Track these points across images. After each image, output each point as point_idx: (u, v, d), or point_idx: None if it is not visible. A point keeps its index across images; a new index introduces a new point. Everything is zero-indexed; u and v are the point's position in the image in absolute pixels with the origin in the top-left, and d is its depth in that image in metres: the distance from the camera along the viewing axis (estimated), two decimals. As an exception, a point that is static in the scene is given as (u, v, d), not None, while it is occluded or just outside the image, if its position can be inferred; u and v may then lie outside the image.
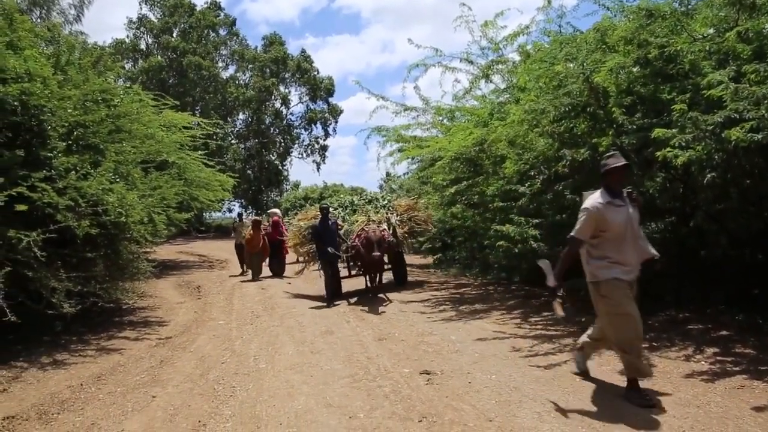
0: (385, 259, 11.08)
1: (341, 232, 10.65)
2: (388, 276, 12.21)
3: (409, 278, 12.73)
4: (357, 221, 10.93)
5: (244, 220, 16.64)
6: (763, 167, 6.35)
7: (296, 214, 13.60)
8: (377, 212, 11.28)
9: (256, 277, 14.13)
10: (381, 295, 10.29)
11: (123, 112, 9.14)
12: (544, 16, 9.89)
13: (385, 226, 10.56)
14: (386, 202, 12.04)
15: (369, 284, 10.65)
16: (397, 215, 11.34)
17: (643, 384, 4.65)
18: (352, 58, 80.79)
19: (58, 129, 7.52)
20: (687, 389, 4.76)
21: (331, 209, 11.17)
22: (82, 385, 5.63)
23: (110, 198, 7.49)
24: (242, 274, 15.05)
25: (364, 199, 12.46)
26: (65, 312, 6.83)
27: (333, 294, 10.29)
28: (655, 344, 6.13)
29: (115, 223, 7.73)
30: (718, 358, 5.56)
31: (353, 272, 11.83)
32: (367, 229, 9.95)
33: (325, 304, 10.01)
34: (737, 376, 4.99)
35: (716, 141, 5.46)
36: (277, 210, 17.49)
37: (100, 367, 6.33)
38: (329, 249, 9.88)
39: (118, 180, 8.21)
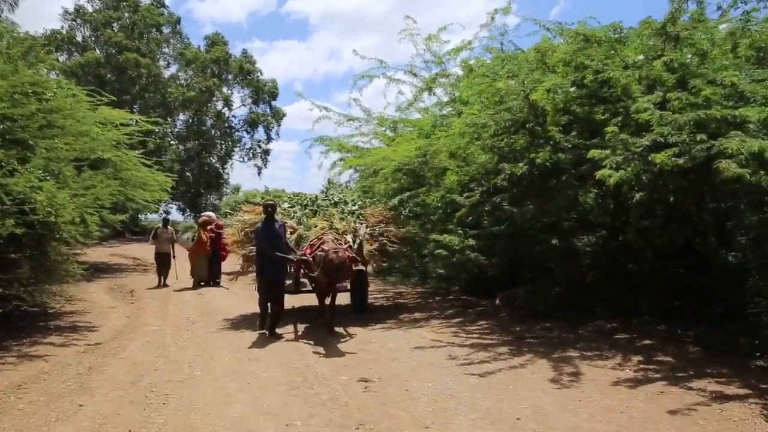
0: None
1: (291, 238, 8.38)
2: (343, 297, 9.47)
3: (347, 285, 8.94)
4: (315, 226, 8.74)
5: (168, 227, 14.11)
6: (685, 188, 6.81)
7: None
8: (343, 218, 9.10)
9: (202, 281, 13.10)
10: (338, 329, 7.94)
11: (55, 107, 8.71)
12: (487, 32, 10.28)
13: (350, 238, 8.45)
14: (356, 207, 9.76)
15: (321, 309, 8.27)
16: (367, 226, 9.02)
17: (571, 391, 4.86)
18: (299, 64, 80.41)
19: (-17, 122, 7.12)
20: (613, 395, 5.01)
21: (279, 208, 9.09)
22: (-1, 394, 5.30)
23: (39, 196, 7.13)
24: (159, 286, 13.13)
25: (329, 200, 10.12)
26: (-17, 316, 6.44)
27: (269, 319, 7.87)
28: (585, 353, 6.40)
29: (44, 222, 7.37)
30: (641, 366, 5.88)
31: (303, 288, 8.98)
32: (326, 241, 7.74)
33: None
34: (658, 382, 5.31)
35: (644, 163, 5.83)
36: (211, 213, 15.60)
37: (21, 374, 5.95)
38: (278, 255, 7.56)
39: (48, 178, 7.83)
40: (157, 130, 21.21)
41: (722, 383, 5.19)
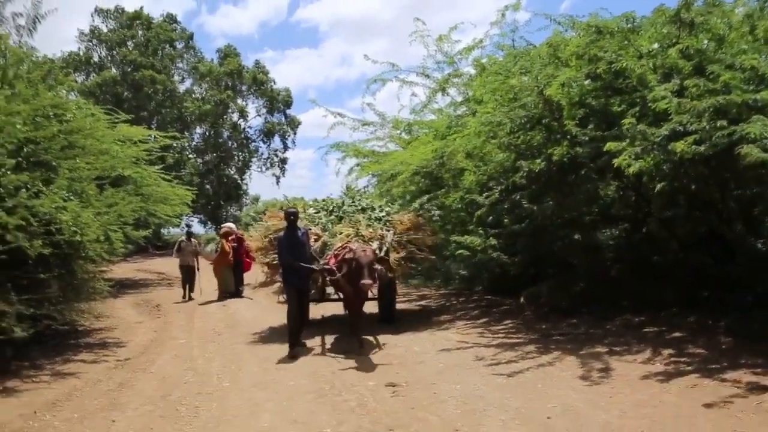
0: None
1: (315, 246, 8.09)
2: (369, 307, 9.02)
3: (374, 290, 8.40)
4: (340, 233, 8.35)
5: (192, 239, 14.07)
6: (706, 176, 6.69)
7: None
8: (369, 225, 8.63)
9: (228, 292, 12.99)
10: (367, 337, 7.66)
11: (76, 128, 8.86)
12: (498, 30, 10.19)
13: (376, 245, 7.93)
14: (383, 214, 9.21)
15: (351, 323, 7.87)
16: (394, 233, 8.57)
17: (601, 387, 4.79)
18: (311, 72, 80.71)
19: (7, 146, 7.25)
20: (644, 390, 4.94)
21: (303, 214, 8.77)
22: (35, 413, 5.37)
23: (64, 216, 7.24)
24: (185, 300, 13.11)
25: (355, 206, 9.53)
26: (16, 336, 6.55)
27: (295, 333, 7.36)
28: (614, 348, 6.32)
29: (70, 242, 7.47)
30: (672, 359, 5.79)
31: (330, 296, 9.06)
32: (353, 247, 7.23)
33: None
34: (690, 375, 5.22)
35: (664, 152, 5.74)
36: (231, 224, 15.39)
37: (54, 392, 6.06)
38: (301, 265, 7.23)
39: (71, 197, 7.95)
40: (175, 144, 21.47)
41: (758, 374, 5.07)
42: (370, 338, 7.71)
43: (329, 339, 8.04)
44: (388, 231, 8.54)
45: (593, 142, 6.81)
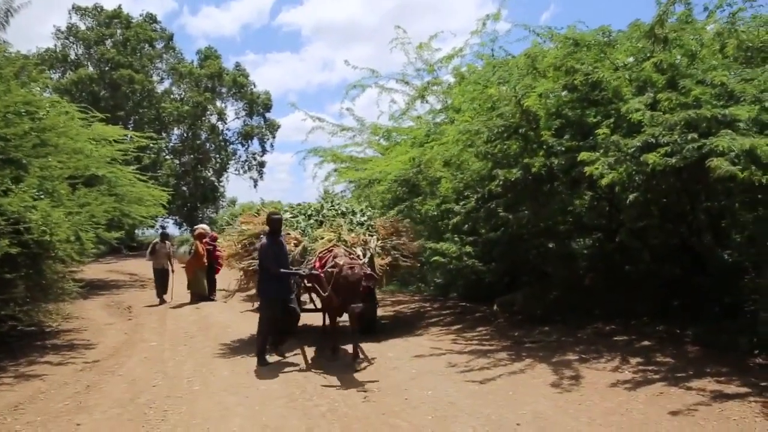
0: None
1: (296, 250, 7.61)
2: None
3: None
4: (321, 238, 7.81)
5: (167, 242, 13.42)
6: (677, 188, 6.84)
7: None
8: (351, 230, 8.12)
9: (200, 295, 12.69)
10: (347, 348, 7.15)
11: (49, 125, 8.70)
12: (478, 39, 10.30)
13: (359, 251, 7.44)
14: (365, 218, 8.74)
15: (331, 330, 7.34)
16: (378, 239, 8.14)
17: (571, 394, 4.84)
18: (293, 76, 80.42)
19: (-24, 142, 7.11)
20: (612, 398, 5.01)
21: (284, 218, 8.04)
22: (-3, 415, 5.26)
23: (33, 215, 7.10)
24: (160, 303, 12.62)
25: (335, 210, 8.94)
26: (-21, 337, 6.39)
27: (264, 348, 6.91)
28: (584, 356, 6.40)
29: (39, 241, 7.32)
30: (640, 367, 5.88)
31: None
32: (338, 255, 6.75)
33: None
34: (657, 383, 5.31)
35: (636, 163, 5.84)
36: (205, 226, 14.93)
37: (18, 395, 5.90)
38: (285, 272, 6.80)
39: (42, 196, 7.79)
40: (151, 145, 21.16)
41: (722, 382, 5.20)
42: (351, 349, 7.00)
43: (309, 351, 7.50)
44: (371, 236, 8.11)
45: (568, 153, 6.91)
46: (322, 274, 6.69)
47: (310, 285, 7.45)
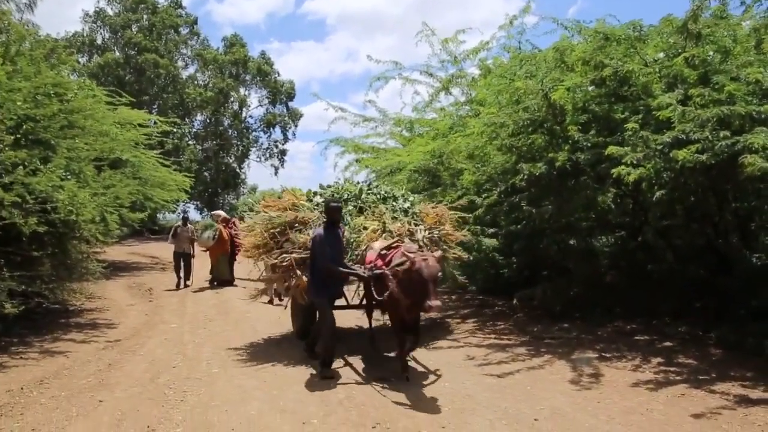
0: None
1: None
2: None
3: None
4: (365, 228, 6.77)
5: (188, 225, 13.27)
6: (706, 187, 6.69)
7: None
8: (396, 217, 7.07)
9: (222, 279, 12.87)
10: (410, 362, 6.07)
11: (76, 108, 8.82)
12: (505, 32, 10.17)
13: (408, 242, 6.15)
14: (408, 204, 7.56)
15: (400, 341, 5.81)
16: (425, 228, 7.03)
17: (590, 392, 4.79)
18: (316, 65, 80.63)
19: (6, 122, 7.22)
20: (632, 397, 4.94)
21: (309, 203, 7.14)
22: (22, 389, 5.37)
23: (60, 195, 7.21)
24: (178, 288, 12.64)
25: (375, 195, 7.66)
26: (7, 312, 6.53)
27: (332, 355, 5.83)
28: (604, 354, 6.32)
29: (65, 221, 7.44)
30: (661, 367, 5.78)
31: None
32: (409, 250, 5.50)
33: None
34: (679, 384, 5.22)
35: (665, 160, 5.74)
36: (221, 212, 14.89)
37: (43, 370, 6.06)
38: (345, 271, 5.84)
39: (69, 177, 7.92)
40: (175, 130, 21.38)
41: (746, 387, 5.08)
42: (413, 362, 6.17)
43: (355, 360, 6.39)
44: (418, 226, 7.01)
45: (595, 148, 6.80)
46: (389, 273, 5.50)
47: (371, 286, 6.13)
